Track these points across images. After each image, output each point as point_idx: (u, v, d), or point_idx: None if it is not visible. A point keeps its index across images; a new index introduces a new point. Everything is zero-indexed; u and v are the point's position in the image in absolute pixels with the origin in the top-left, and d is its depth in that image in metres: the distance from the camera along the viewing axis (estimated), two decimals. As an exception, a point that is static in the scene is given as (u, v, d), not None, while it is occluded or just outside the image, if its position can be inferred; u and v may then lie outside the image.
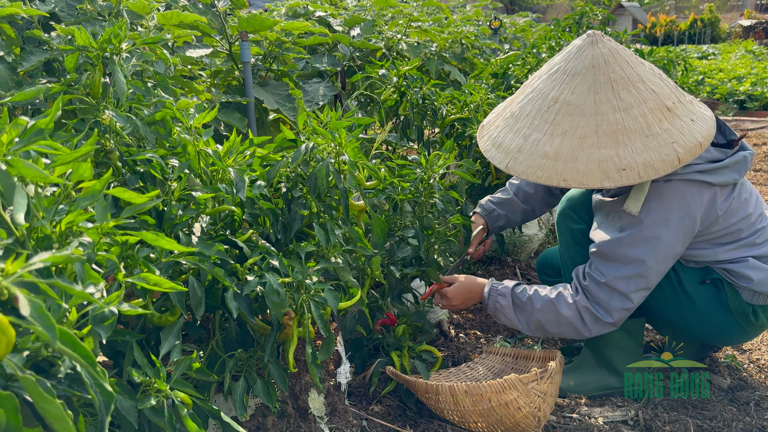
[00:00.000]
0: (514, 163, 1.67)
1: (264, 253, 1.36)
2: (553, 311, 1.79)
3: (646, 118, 1.59)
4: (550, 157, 1.62)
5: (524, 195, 2.21)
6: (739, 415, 1.87)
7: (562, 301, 1.78)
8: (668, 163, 1.56)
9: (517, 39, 5.42)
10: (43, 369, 0.85)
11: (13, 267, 0.70)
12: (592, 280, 1.76)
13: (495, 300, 1.88)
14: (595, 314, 1.76)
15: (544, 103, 1.67)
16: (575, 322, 1.78)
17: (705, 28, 25.29)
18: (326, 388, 1.69)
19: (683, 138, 1.59)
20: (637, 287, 1.72)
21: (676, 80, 4.94)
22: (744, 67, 10.62)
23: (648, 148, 1.57)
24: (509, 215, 2.21)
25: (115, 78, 1.35)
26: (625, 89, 1.61)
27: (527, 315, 1.83)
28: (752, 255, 1.78)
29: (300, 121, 1.65)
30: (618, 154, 1.57)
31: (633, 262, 1.70)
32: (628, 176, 1.56)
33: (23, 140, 0.87)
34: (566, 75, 1.66)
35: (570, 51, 1.69)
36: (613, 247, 1.72)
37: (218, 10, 2.33)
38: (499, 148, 1.73)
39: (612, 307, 1.74)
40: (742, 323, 1.83)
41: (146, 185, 1.34)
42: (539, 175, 1.62)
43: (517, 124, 1.72)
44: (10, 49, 1.67)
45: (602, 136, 1.59)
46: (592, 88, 1.62)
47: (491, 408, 1.66)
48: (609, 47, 1.65)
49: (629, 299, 1.72)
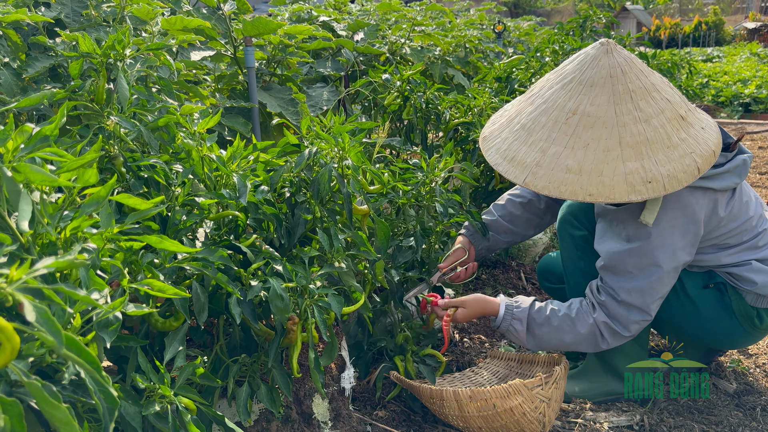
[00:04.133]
0: (533, 178, 1.61)
1: (268, 258, 1.36)
2: (570, 330, 1.77)
3: (665, 129, 1.57)
4: (574, 171, 1.57)
5: (510, 216, 2.13)
6: (745, 420, 1.86)
7: (580, 318, 1.77)
8: (689, 173, 1.55)
9: (521, 43, 5.42)
10: (48, 375, 0.85)
11: (17, 273, 0.70)
12: (608, 295, 1.74)
13: (509, 323, 1.82)
14: (613, 328, 1.75)
15: (561, 115, 1.62)
16: (594, 337, 1.77)
17: (709, 30, 25.24)
18: (330, 393, 1.69)
19: (699, 147, 1.58)
20: (652, 298, 1.71)
21: (680, 83, 4.93)
22: (749, 69, 10.58)
23: (670, 159, 1.55)
24: (495, 236, 2.13)
25: (118, 84, 1.36)
26: (644, 99, 1.58)
27: (541, 336, 1.80)
28: (755, 258, 1.78)
29: (303, 125, 1.65)
30: (643, 167, 1.54)
31: (644, 273, 1.68)
32: (655, 189, 1.53)
33: (28, 147, 0.87)
34: (583, 85, 1.62)
35: (584, 60, 1.65)
36: (623, 258, 1.70)
37: (223, 14, 2.34)
38: (513, 162, 1.67)
39: (630, 321, 1.73)
40: (746, 326, 1.83)
41: (150, 191, 1.34)
42: (563, 190, 1.57)
43: (531, 137, 1.66)
44: (16, 55, 1.68)
45: (626, 149, 1.55)
46: (612, 98, 1.58)
47: (496, 413, 1.66)
48: (624, 56, 1.63)
49: (647, 312, 1.72)
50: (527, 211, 2.14)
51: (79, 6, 1.90)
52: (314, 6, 3.43)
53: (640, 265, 1.69)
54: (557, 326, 1.78)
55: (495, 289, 2.78)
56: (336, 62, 2.91)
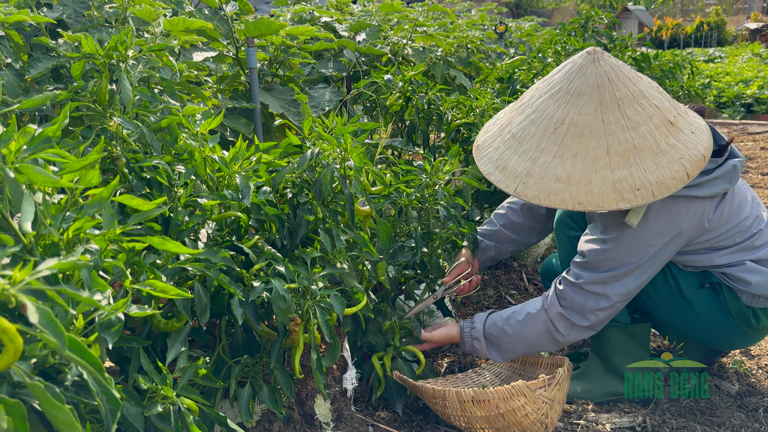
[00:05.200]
0: (524, 188, 1.63)
1: (270, 259, 1.36)
2: (526, 332, 1.83)
3: (653, 135, 1.58)
4: (563, 180, 1.59)
5: (512, 225, 2.15)
6: (747, 421, 1.86)
7: (531, 317, 1.83)
8: (678, 179, 1.56)
9: (523, 43, 5.42)
10: (51, 376, 0.85)
11: (20, 275, 0.70)
12: (567, 283, 1.79)
13: (471, 345, 1.92)
14: (569, 319, 1.78)
15: (549, 125, 1.63)
16: (548, 332, 1.81)
17: (711, 31, 25.21)
18: (332, 394, 1.69)
19: (689, 152, 1.59)
20: (614, 290, 1.73)
21: (682, 84, 4.92)
22: (751, 70, 10.57)
23: (659, 166, 1.56)
24: (498, 246, 2.15)
25: (120, 85, 1.36)
26: (631, 107, 1.59)
27: (504, 347, 1.87)
28: (750, 258, 1.77)
29: (305, 126, 1.65)
30: (631, 174, 1.55)
31: (612, 269, 1.72)
32: (643, 196, 1.54)
33: (31, 148, 0.87)
34: (570, 95, 1.63)
35: (571, 70, 1.66)
36: (596, 255, 1.74)
37: (226, 15, 2.34)
38: (504, 171, 1.68)
39: (587, 309, 1.76)
40: (743, 327, 1.82)
41: (153, 192, 1.34)
42: (552, 199, 1.59)
43: (521, 147, 1.67)
44: (18, 56, 1.68)
45: (614, 157, 1.57)
46: (599, 108, 1.59)
47: (499, 414, 1.66)
48: (611, 64, 1.63)
49: (606, 298, 1.74)
50: (528, 218, 2.15)
51: (81, 7, 1.91)
52: (316, 7, 3.43)
53: (609, 262, 1.72)
54: (513, 334, 1.84)
55: (497, 290, 2.78)
56: (338, 63, 2.91)
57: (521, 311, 1.86)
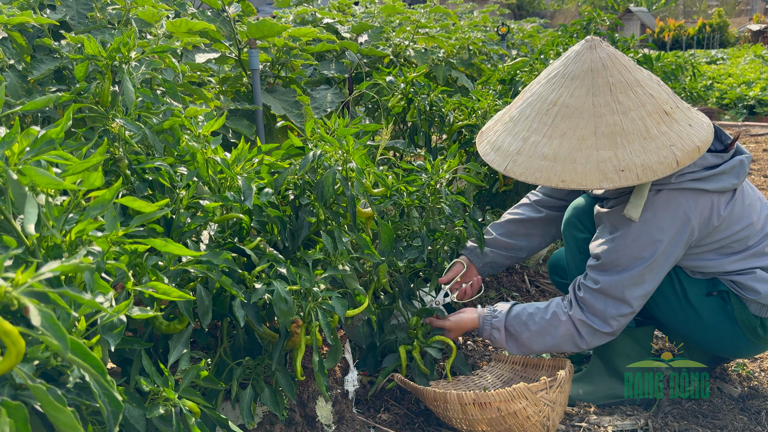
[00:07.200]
0: (513, 165, 1.67)
1: (272, 261, 1.36)
2: (548, 332, 1.80)
3: (644, 121, 1.59)
4: (549, 158, 1.62)
5: (509, 233, 2.15)
6: (750, 424, 1.85)
7: (556, 319, 1.79)
8: (666, 165, 1.56)
9: (525, 45, 5.41)
10: (53, 378, 0.85)
11: (23, 277, 0.70)
12: (586, 290, 1.76)
13: (489, 333, 1.89)
14: (591, 326, 1.76)
15: (543, 106, 1.67)
16: (571, 337, 1.79)
17: (713, 32, 25.20)
18: (334, 396, 1.69)
19: (681, 141, 1.59)
20: (632, 294, 1.71)
21: (684, 85, 4.91)
22: (753, 71, 10.56)
23: (646, 150, 1.57)
24: (495, 251, 2.14)
25: (123, 86, 1.36)
26: (624, 93, 1.61)
27: (522, 341, 1.84)
28: (760, 266, 1.76)
29: (308, 128, 1.65)
30: (616, 156, 1.57)
31: (627, 269, 1.70)
32: (627, 177, 1.55)
33: (34, 150, 0.87)
34: (565, 78, 1.66)
35: (569, 56, 1.70)
36: (609, 255, 1.72)
37: (228, 16, 2.34)
38: (498, 152, 1.73)
39: (608, 315, 1.73)
40: (750, 336, 1.80)
41: (155, 193, 1.34)
42: (538, 176, 1.62)
43: (516, 128, 1.72)
44: (21, 58, 1.69)
45: (600, 138, 1.59)
46: (591, 90, 1.62)
47: (500, 417, 1.66)
48: (607, 52, 1.66)
49: (628, 304, 1.72)
50: (525, 227, 2.15)
51: (84, 8, 1.91)
52: (318, 8, 3.43)
53: (623, 261, 1.70)
54: (536, 330, 1.81)
55: (499, 291, 2.77)
56: (340, 64, 2.91)
57: (546, 310, 1.82)
